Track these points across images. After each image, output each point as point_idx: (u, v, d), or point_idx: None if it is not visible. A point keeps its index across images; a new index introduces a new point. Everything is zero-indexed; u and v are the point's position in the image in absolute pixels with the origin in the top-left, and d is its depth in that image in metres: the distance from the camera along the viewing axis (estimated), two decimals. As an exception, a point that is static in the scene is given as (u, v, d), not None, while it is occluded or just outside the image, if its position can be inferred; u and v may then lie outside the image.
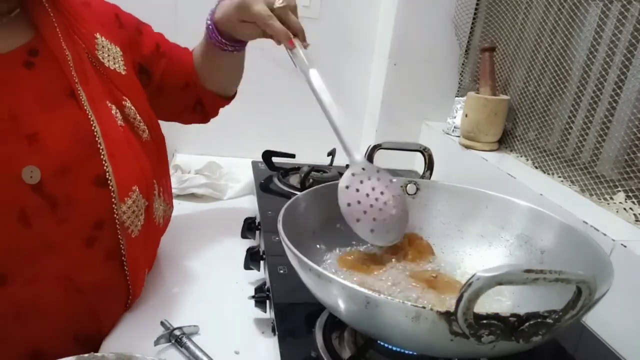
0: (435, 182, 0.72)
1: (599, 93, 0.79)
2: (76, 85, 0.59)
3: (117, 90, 0.64)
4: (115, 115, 0.63)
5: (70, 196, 0.56)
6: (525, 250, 0.63)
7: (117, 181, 0.59)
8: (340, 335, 0.58)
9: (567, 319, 0.38)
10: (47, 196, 0.55)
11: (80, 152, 0.58)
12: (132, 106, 0.65)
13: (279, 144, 1.15)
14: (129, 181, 0.61)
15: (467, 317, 0.37)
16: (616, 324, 0.62)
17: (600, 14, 0.80)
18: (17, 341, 0.56)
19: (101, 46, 0.65)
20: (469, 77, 1.19)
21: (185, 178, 1.03)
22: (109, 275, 0.61)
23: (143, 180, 0.64)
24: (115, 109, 0.63)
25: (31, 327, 0.56)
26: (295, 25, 0.67)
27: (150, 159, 0.67)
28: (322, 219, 0.66)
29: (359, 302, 0.42)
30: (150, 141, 0.68)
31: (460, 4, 1.15)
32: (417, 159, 1.25)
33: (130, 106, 0.65)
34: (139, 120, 0.66)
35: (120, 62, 0.67)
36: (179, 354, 0.59)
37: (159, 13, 1.14)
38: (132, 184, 0.62)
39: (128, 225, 0.61)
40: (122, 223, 0.60)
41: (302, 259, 0.46)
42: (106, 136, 0.60)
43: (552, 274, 0.35)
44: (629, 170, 0.72)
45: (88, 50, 0.63)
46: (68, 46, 0.60)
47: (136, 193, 0.62)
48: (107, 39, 0.67)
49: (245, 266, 0.74)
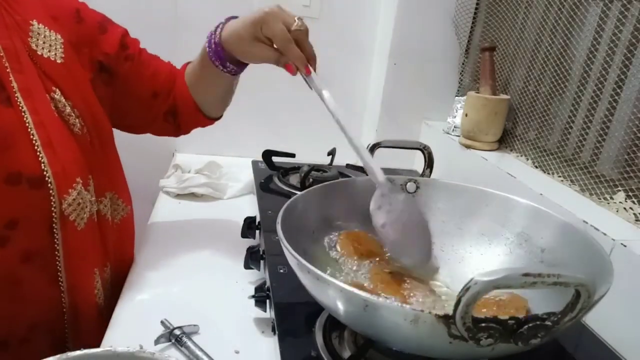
0: (436, 180, 0.72)
1: (599, 93, 0.79)
2: (9, 76, 0.58)
3: (48, 80, 0.62)
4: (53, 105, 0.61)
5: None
6: (526, 249, 0.63)
7: (55, 173, 0.58)
8: (340, 334, 0.58)
9: (566, 321, 0.38)
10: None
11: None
12: (62, 97, 0.63)
13: (279, 143, 1.15)
14: (70, 173, 0.60)
15: (466, 321, 0.37)
16: (616, 323, 0.62)
17: (600, 13, 0.80)
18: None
19: (36, 33, 0.63)
20: (469, 77, 1.19)
21: (185, 177, 1.03)
22: (25, 278, 0.60)
23: (85, 173, 0.63)
24: (49, 99, 0.62)
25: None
26: (310, 50, 0.66)
27: (83, 153, 0.65)
28: (322, 218, 0.66)
29: (357, 304, 0.42)
30: (86, 135, 0.66)
31: (460, 3, 1.15)
32: (417, 159, 1.25)
33: (59, 98, 0.62)
34: (68, 113, 0.63)
35: (58, 50, 0.64)
36: (179, 354, 0.59)
37: (159, 13, 1.14)
38: (75, 175, 0.61)
39: (74, 219, 0.60)
40: (65, 216, 0.59)
41: (301, 260, 0.46)
42: (40, 127, 0.59)
43: (550, 277, 0.35)
44: (629, 170, 0.72)
45: (21, 38, 0.61)
46: (1, 34, 0.59)
47: (80, 184, 0.61)
48: (47, 25, 0.64)
49: (245, 266, 0.74)
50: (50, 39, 0.64)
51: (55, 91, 0.62)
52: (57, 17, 0.67)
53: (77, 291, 0.65)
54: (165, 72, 0.79)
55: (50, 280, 0.62)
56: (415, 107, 1.22)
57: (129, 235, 0.80)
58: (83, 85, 0.68)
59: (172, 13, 1.14)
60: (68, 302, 0.64)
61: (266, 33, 0.64)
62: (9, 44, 0.59)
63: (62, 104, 0.62)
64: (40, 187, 0.58)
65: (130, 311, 0.66)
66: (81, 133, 0.65)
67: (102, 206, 0.69)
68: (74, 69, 0.67)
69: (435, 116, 1.22)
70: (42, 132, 0.59)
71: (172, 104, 0.80)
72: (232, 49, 0.69)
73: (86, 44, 0.70)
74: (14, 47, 0.60)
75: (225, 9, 1.17)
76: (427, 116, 1.23)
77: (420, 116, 1.23)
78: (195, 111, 0.80)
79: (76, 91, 0.65)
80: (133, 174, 0.89)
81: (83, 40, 0.69)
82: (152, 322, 0.63)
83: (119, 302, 0.68)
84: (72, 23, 0.69)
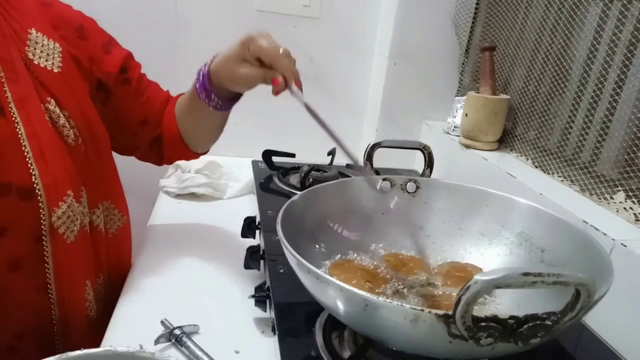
0: (436, 180, 0.72)
1: (599, 93, 0.79)
2: (3, 85, 0.57)
3: (43, 90, 0.61)
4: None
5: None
6: (526, 249, 0.64)
7: (45, 185, 0.58)
8: (340, 334, 0.58)
9: (566, 321, 0.38)
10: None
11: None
12: (57, 108, 0.62)
13: (279, 143, 1.15)
14: (61, 185, 0.60)
15: (466, 320, 0.37)
16: (616, 323, 0.62)
17: (601, 13, 0.80)
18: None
19: (34, 42, 0.62)
20: (469, 77, 1.19)
21: (185, 177, 1.03)
22: (12, 286, 0.60)
23: (77, 184, 0.62)
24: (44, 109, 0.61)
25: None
26: (294, 67, 0.64)
27: (76, 164, 0.64)
28: (321, 219, 0.66)
29: (357, 304, 0.42)
30: (80, 146, 0.65)
31: (460, 3, 1.15)
32: (417, 159, 1.25)
33: (53, 108, 0.62)
34: (62, 124, 0.62)
35: (56, 59, 0.64)
36: (179, 354, 0.59)
37: (160, 13, 1.14)
38: (66, 187, 0.60)
39: (63, 231, 0.60)
40: (55, 229, 0.59)
41: (301, 260, 0.46)
42: (33, 138, 0.58)
43: (550, 277, 0.35)
44: (629, 170, 0.72)
45: (18, 47, 0.60)
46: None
47: (71, 197, 0.61)
48: (46, 34, 0.64)
49: (245, 265, 0.74)
50: (48, 47, 0.64)
51: (50, 101, 0.62)
52: (58, 27, 0.66)
53: (67, 303, 0.64)
54: (159, 101, 0.79)
55: (39, 289, 0.62)
56: (415, 107, 1.22)
57: (126, 245, 0.79)
58: (80, 95, 0.67)
59: (172, 13, 1.14)
60: (58, 313, 0.64)
61: (254, 50, 0.63)
62: (6, 53, 0.59)
63: (56, 114, 0.62)
64: (29, 198, 0.58)
65: (130, 311, 0.66)
66: (75, 144, 0.64)
67: (94, 217, 0.68)
68: (71, 79, 0.66)
69: (435, 116, 1.22)
70: (35, 143, 0.58)
71: (160, 134, 0.79)
72: (221, 76, 0.68)
73: (87, 60, 0.69)
74: (10, 57, 0.59)
75: (225, 9, 1.18)
76: (427, 116, 1.23)
77: (420, 116, 1.23)
78: (180, 144, 0.80)
79: (72, 101, 0.65)
80: (133, 173, 0.89)
81: (84, 57, 0.69)
82: (152, 322, 0.62)
83: (119, 302, 0.68)
84: (74, 37, 0.68)
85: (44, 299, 0.62)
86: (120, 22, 0.78)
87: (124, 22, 0.77)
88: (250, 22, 1.16)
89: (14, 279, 0.60)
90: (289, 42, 0.65)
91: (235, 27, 1.16)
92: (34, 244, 0.59)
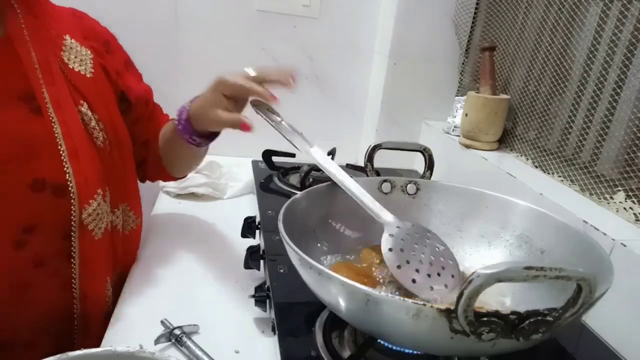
0: (436, 182, 0.72)
1: (599, 93, 0.79)
2: (41, 87, 0.60)
3: (77, 93, 0.64)
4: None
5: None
6: (525, 250, 0.63)
7: (78, 183, 0.60)
8: (340, 334, 0.58)
9: (568, 316, 0.38)
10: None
11: (17, 153, 0.58)
12: (89, 111, 0.65)
13: (279, 143, 1.15)
14: (92, 183, 0.62)
15: (468, 315, 0.37)
16: (616, 323, 0.62)
17: (601, 13, 0.80)
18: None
19: (69, 47, 0.66)
20: (469, 77, 1.19)
21: (185, 177, 1.03)
22: (36, 282, 0.62)
23: (104, 184, 0.65)
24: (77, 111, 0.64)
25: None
26: (260, 88, 0.68)
27: (103, 165, 0.67)
28: (322, 218, 0.66)
29: (359, 299, 0.42)
30: (107, 147, 0.68)
31: (460, 3, 1.15)
32: (417, 159, 1.25)
33: (86, 111, 0.64)
34: (93, 126, 0.65)
35: (88, 65, 0.67)
36: (179, 354, 0.58)
37: (160, 13, 1.14)
38: (97, 186, 0.63)
39: (92, 228, 0.62)
40: (84, 226, 0.61)
41: (303, 256, 0.46)
42: (68, 138, 0.61)
43: (552, 271, 0.35)
44: (629, 170, 0.72)
45: (54, 51, 0.63)
46: (35, 47, 0.61)
47: (100, 196, 0.63)
48: (79, 41, 0.67)
49: (245, 265, 0.74)
50: (81, 54, 0.67)
51: (82, 104, 0.64)
52: (88, 38, 0.70)
53: (89, 299, 0.66)
54: (162, 124, 0.82)
55: (62, 286, 0.63)
56: (415, 107, 1.22)
57: (135, 246, 0.81)
58: (109, 100, 0.70)
59: (172, 13, 1.14)
60: (80, 309, 0.65)
61: (225, 90, 0.67)
62: (44, 57, 0.62)
63: (88, 117, 0.65)
64: (62, 195, 0.60)
65: (130, 311, 0.66)
66: (103, 146, 0.67)
67: (114, 217, 0.71)
68: (101, 85, 0.69)
69: (435, 116, 1.23)
70: (70, 142, 0.61)
71: (146, 155, 0.83)
72: (199, 120, 0.71)
73: (114, 72, 0.73)
74: (48, 60, 0.62)
75: (225, 9, 1.18)
76: (427, 116, 1.23)
77: (420, 116, 1.23)
78: (160, 167, 0.84)
79: (102, 105, 0.68)
80: (133, 173, 0.89)
81: (111, 68, 0.72)
82: (152, 322, 0.62)
83: (119, 302, 0.68)
84: (102, 50, 0.72)
85: (67, 296, 0.64)
86: (120, 22, 0.78)
87: (124, 22, 0.77)
88: (250, 22, 1.16)
89: (38, 275, 0.62)
90: (289, 42, 0.65)
91: (235, 27, 1.16)
92: (61, 240, 0.62)
